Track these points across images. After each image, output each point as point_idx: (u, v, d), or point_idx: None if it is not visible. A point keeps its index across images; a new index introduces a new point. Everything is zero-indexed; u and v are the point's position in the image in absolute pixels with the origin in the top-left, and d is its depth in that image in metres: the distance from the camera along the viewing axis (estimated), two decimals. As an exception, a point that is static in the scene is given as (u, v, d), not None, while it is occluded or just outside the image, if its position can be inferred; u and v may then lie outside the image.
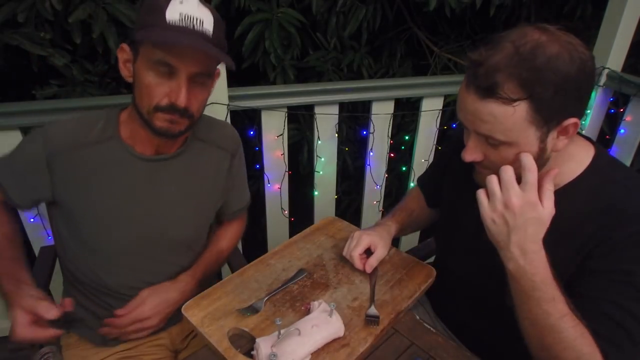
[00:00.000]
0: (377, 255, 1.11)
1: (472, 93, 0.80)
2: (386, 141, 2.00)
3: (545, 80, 0.75)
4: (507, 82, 0.76)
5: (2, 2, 1.63)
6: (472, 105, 0.81)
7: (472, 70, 0.80)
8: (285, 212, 2.02)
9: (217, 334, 0.92)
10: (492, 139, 0.83)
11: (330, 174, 2.03)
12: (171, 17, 0.89)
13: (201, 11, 0.92)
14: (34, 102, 1.67)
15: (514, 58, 0.76)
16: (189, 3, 0.91)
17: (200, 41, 0.91)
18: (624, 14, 1.96)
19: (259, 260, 1.16)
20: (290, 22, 2.03)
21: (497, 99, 0.78)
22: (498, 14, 2.43)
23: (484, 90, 0.78)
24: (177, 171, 1.10)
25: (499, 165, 0.85)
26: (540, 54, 0.75)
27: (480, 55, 0.80)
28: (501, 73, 0.77)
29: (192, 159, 1.12)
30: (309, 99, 1.80)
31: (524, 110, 0.78)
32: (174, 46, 0.90)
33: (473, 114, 0.82)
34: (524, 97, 0.77)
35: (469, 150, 0.89)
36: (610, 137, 2.26)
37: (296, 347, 0.85)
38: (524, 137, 0.81)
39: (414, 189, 1.38)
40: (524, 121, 0.79)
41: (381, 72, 2.56)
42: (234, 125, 1.31)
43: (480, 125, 0.82)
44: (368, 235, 1.13)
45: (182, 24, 0.90)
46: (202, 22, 0.92)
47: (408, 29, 2.63)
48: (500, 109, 0.78)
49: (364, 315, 0.99)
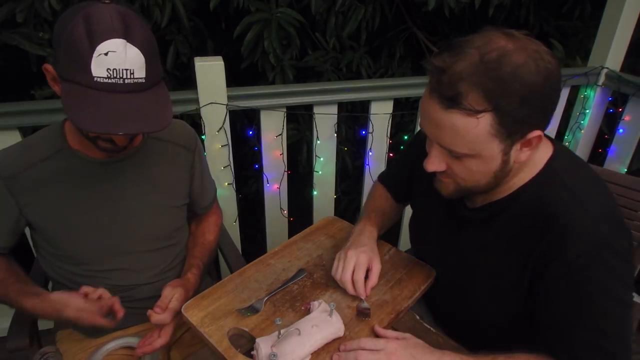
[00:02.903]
0: (375, 272, 1.04)
1: (435, 102, 0.77)
2: (385, 141, 2.00)
3: (510, 91, 0.73)
4: (471, 92, 0.73)
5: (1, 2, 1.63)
6: (435, 114, 0.78)
7: (436, 78, 0.77)
8: (285, 212, 2.02)
9: (217, 334, 0.92)
10: (454, 152, 0.81)
11: (330, 174, 2.03)
12: (98, 73, 0.83)
13: (129, 56, 0.84)
14: (32, 102, 1.67)
15: (479, 67, 0.73)
16: (115, 53, 0.83)
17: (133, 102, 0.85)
18: (622, 14, 1.97)
19: (259, 260, 1.16)
20: (289, 22, 2.03)
21: (460, 110, 0.75)
22: (497, 13, 2.43)
23: (447, 100, 0.75)
24: (135, 169, 1.11)
25: (461, 176, 0.85)
26: (506, 63, 0.72)
27: (444, 61, 0.76)
28: (465, 82, 0.73)
29: (149, 156, 1.13)
30: (308, 99, 1.80)
31: (488, 123, 0.75)
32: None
33: (436, 124, 0.79)
34: (489, 109, 0.74)
35: (431, 161, 0.87)
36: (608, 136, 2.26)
37: (296, 347, 0.85)
38: (487, 149, 0.79)
39: (377, 188, 1.32)
40: (488, 134, 0.76)
41: (380, 72, 2.56)
42: (233, 125, 1.31)
43: (442, 136, 0.80)
44: (364, 254, 1.05)
45: (111, 80, 0.83)
46: (132, 72, 0.85)
47: (407, 28, 2.63)
48: (463, 121, 0.76)
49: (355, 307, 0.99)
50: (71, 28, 0.83)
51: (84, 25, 0.82)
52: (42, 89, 1.86)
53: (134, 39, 0.85)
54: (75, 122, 0.85)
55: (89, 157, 1.06)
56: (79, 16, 0.83)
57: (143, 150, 1.12)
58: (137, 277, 1.15)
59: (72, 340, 1.19)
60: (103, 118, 0.84)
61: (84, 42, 0.82)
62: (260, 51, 2.08)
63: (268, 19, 2.01)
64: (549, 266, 0.83)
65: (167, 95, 0.94)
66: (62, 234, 1.07)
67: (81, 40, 0.82)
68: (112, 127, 0.85)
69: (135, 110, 0.86)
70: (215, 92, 1.63)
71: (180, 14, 1.91)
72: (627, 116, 2.09)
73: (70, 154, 1.05)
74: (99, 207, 1.07)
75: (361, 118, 2.10)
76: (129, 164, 1.10)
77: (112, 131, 0.86)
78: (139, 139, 1.13)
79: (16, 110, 1.51)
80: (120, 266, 1.13)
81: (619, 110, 2.15)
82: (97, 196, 1.07)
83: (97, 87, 0.84)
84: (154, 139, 1.15)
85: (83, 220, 1.06)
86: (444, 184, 0.92)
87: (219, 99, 1.65)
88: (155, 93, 0.91)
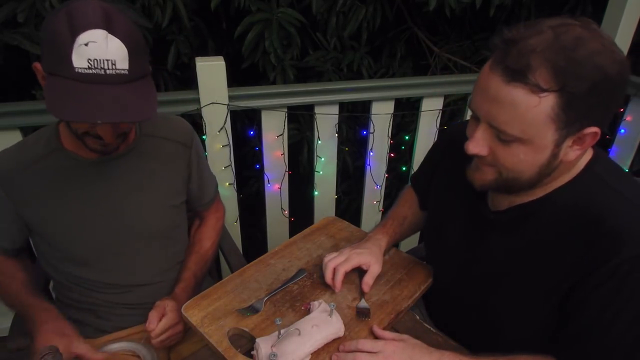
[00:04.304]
0: (371, 273, 1.05)
1: (498, 74, 0.72)
2: (386, 141, 2.00)
3: (583, 74, 0.68)
4: (540, 68, 0.69)
5: (2, 2, 1.63)
6: (495, 88, 0.73)
7: (503, 49, 0.72)
8: (285, 212, 2.02)
9: (217, 334, 0.92)
10: (505, 134, 0.75)
11: (330, 174, 2.03)
12: (79, 64, 0.82)
13: (111, 48, 0.83)
14: (33, 102, 1.67)
15: (554, 44, 0.69)
16: (96, 44, 0.82)
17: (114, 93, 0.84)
18: (624, 14, 1.96)
19: (259, 260, 1.16)
20: (290, 22, 2.03)
21: (524, 85, 0.70)
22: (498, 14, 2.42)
23: (512, 72, 0.71)
24: (129, 168, 1.11)
25: (505, 165, 0.79)
26: (582, 45, 0.69)
27: (517, 33, 0.72)
28: (536, 56, 0.69)
29: (143, 154, 1.13)
30: (308, 99, 1.80)
31: (550, 105, 0.70)
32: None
33: (492, 99, 0.74)
34: (554, 89, 0.69)
35: (475, 141, 0.80)
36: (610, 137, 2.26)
37: (296, 347, 0.85)
38: (541, 136, 0.74)
39: (407, 191, 1.28)
40: (547, 117, 0.71)
41: (381, 72, 2.56)
42: (234, 125, 1.31)
43: (497, 114, 0.74)
44: (358, 254, 1.06)
45: (92, 71, 0.83)
46: (114, 63, 0.84)
47: (408, 28, 2.62)
48: (525, 97, 0.71)
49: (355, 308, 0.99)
50: (53, 22, 0.83)
51: (66, 19, 0.83)
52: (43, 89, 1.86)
53: (115, 30, 0.84)
54: (52, 111, 0.84)
55: (83, 158, 1.06)
56: (62, 11, 0.84)
57: (138, 149, 1.12)
58: (135, 277, 1.15)
59: None
60: (80, 107, 0.83)
61: (65, 34, 0.82)
62: (261, 51, 2.08)
63: (269, 18, 2.01)
64: (593, 273, 0.77)
65: (153, 90, 0.93)
66: (58, 234, 1.07)
67: (63, 33, 0.82)
68: (89, 116, 0.84)
69: (114, 100, 0.84)
70: (216, 92, 1.63)
71: (181, 14, 1.91)
72: (629, 116, 2.09)
73: (63, 154, 1.05)
74: (94, 206, 1.07)
75: (362, 118, 2.09)
76: (123, 163, 1.10)
77: (89, 119, 0.85)
78: (132, 137, 1.12)
79: (17, 110, 1.51)
80: (119, 266, 1.13)
81: (621, 110, 2.15)
82: (92, 196, 1.07)
83: (77, 78, 0.83)
84: (149, 137, 1.15)
85: (79, 220, 1.07)
86: (481, 173, 0.85)
87: (220, 99, 1.65)
88: (140, 86, 0.89)
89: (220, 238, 1.45)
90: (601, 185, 0.81)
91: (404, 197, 1.27)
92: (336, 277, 1.03)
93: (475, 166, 0.86)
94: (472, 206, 0.95)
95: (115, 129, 0.97)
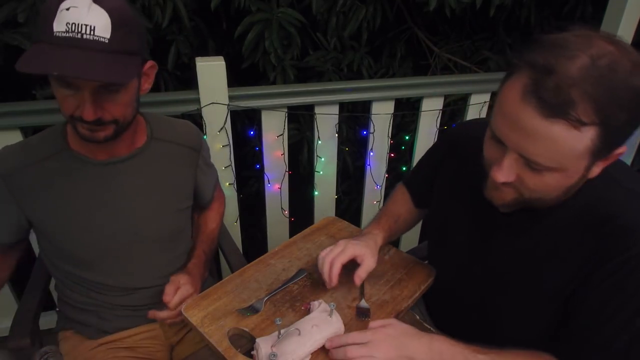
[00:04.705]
0: (365, 267, 1.02)
1: (532, 106, 0.67)
2: (386, 141, 2.00)
3: (622, 103, 0.65)
4: (582, 102, 0.64)
5: (2, 2, 1.63)
6: (529, 122, 0.68)
7: (535, 78, 0.66)
8: (286, 212, 2.02)
9: (217, 334, 0.92)
10: (538, 165, 0.71)
11: (331, 174, 2.03)
12: (58, 28, 0.82)
13: (93, 15, 0.82)
14: (33, 102, 1.67)
15: (592, 72, 0.64)
16: (77, 9, 0.82)
17: (86, 57, 0.82)
18: (624, 15, 1.96)
19: (259, 260, 1.16)
20: (290, 22, 2.03)
21: (565, 120, 0.65)
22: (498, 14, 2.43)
23: (551, 107, 0.65)
24: (137, 171, 1.10)
25: (532, 189, 0.76)
26: (617, 70, 0.64)
27: (548, 60, 0.66)
28: (577, 89, 0.63)
29: (152, 158, 1.12)
30: (309, 99, 1.80)
31: (590, 137, 0.66)
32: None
33: (526, 133, 0.69)
34: (596, 122, 0.65)
35: (504, 171, 0.75)
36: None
37: (296, 347, 0.85)
38: (576, 165, 0.71)
39: (399, 190, 1.27)
40: (585, 149, 0.67)
41: (381, 72, 2.56)
42: (234, 125, 1.32)
43: (531, 147, 0.70)
44: (354, 245, 1.03)
45: (68, 35, 0.82)
46: (92, 28, 0.82)
47: (408, 28, 2.63)
48: (565, 133, 0.66)
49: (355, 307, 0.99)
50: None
51: None
52: (43, 89, 1.86)
53: (102, 1, 0.84)
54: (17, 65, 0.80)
55: (90, 159, 1.05)
56: None
57: (146, 151, 1.12)
58: (138, 279, 1.14)
59: (73, 341, 1.18)
60: (40, 61, 0.81)
61: (53, 2, 0.83)
62: (261, 51, 2.08)
63: (269, 19, 2.01)
64: (599, 269, 0.76)
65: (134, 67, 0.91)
66: (62, 235, 1.06)
67: (51, 2, 0.83)
68: (43, 67, 0.81)
69: (81, 59, 0.82)
70: (217, 92, 1.63)
71: (181, 14, 1.91)
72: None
73: (69, 155, 1.05)
74: (99, 208, 1.07)
75: (362, 118, 2.09)
76: (130, 166, 1.09)
77: (43, 70, 0.81)
78: (142, 139, 1.11)
79: (17, 110, 1.51)
80: (122, 269, 1.12)
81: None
82: (97, 197, 1.06)
83: (54, 41, 0.82)
84: (159, 140, 1.14)
85: (83, 221, 1.06)
86: (501, 193, 0.81)
87: (220, 99, 1.65)
88: (120, 59, 0.86)
89: (220, 238, 1.46)
90: (612, 184, 0.80)
91: (396, 197, 1.26)
92: (332, 270, 1.00)
93: (494, 186, 0.82)
94: (478, 207, 0.94)
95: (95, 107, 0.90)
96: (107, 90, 0.90)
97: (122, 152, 1.08)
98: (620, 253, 0.75)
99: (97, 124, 0.93)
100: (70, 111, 0.92)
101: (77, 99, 0.90)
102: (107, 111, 0.93)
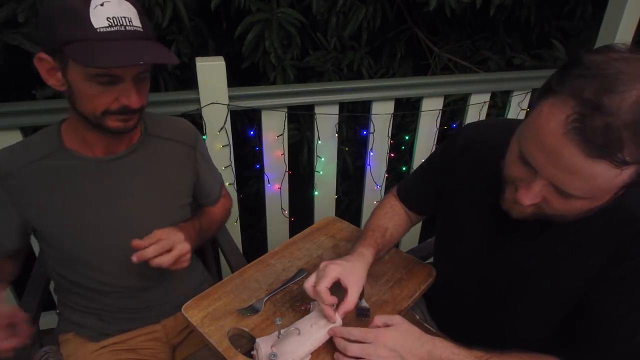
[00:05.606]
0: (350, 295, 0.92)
1: (576, 144, 0.62)
2: (386, 141, 2.00)
3: None
4: (630, 144, 0.60)
5: (2, 2, 1.63)
6: (570, 158, 0.64)
7: (584, 114, 0.61)
8: (286, 212, 2.02)
9: (217, 334, 0.92)
10: (570, 195, 0.69)
11: (331, 174, 2.03)
12: (99, 24, 0.84)
13: (124, 7, 0.87)
14: (33, 102, 1.67)
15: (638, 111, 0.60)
16: (110, 3, 0.85)
17: (139, 45, 0.88)
18: (624, 14, 1.96)
19: (259, 260, 1.16)
20: (290, 22, 2.03)
21: (610, 161, 0.62)
22: (498, 14, 2.43)
23: (597, 148, 0.61)
24: (134, 167, 1.10)
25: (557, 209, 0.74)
26: None
27: (602, 95, 0.60)
28: (628, 132, 0.60)
29: (149, 154, 1.12)
30: (309, 99, 1.80)
31: (629, 174, 0.64)
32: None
33: (564, 168, 0.66)
34: (638, 161, 0.63)
35: (531, 196, 0.73)
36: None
37: (296, 346, 0.86)
38: (608, 194, 0.70)
39: (387, 203, 1.19)
40: (622, 184, 0.66)
41: (381, 72, 2.56)
42: (234, 125, 1.31)
43: (567, 181, 0.67)
44: (337, 265, 0.93)
45: (114, 29, 0.85)
46: (130, 20, 0.87)
47: (408, 28, 2.63)
48: (607, 172, 0.63)
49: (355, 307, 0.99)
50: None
51: None
52: (44, 89, 1.86)
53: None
54: (90, 63, 0.84)
55: (86, 157, 1.05)
56: None
57: (142, 148, 1.11)
58: (138, 280, 1.13)
59: (75, 344, 1.17)
60: (115, 56, 0.84)
61: (75, 2, 0.84)
62: (261, 51, 2.08)
63: (269, 19, 2.01)
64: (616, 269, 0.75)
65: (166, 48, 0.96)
66: (61, 235, 1.06)
67: (72, 2, 0.84)
68: (129, 59, 0.85)
69: (142, 48, 0.88)
70: (216, 92, 1.63)
71: (181, 14, 1.91)
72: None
73: (65, 154, 1.04)
74: (97, 206, 1.06)
75: (362, 118, 2.10)
76: (127, 163, 1.08)
77: (133, 61, 0.85)
78: (137, 135, 1.11)
79: (17, 110, 1.51)
80: (122, 268, 1.11)
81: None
82: (94, 196, 1.06)
83: (101, 37, 0.85)
84: (154, 137, 1.14)
85: (81, 220, 1.05)
86: (522, 208, 0.79)
87: (220, 99, 1.65)
88: (156, 44, 0.92)
89: (220, 238, 1.46)
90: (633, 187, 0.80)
91: (383, 209, 1.18)
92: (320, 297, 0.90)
93: (514, 200, 0.79)
94: (492, 210, 0.91)
95: (139, 93, 0.95)
96: (140, 79, 0.95)
97: (120, 149, 1.08)
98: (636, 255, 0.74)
99: (132, 112, 0.96)
100: (105, 106, 0.93)
101: (113, 93, 0.92)
102: (142, 99, 0.98)
